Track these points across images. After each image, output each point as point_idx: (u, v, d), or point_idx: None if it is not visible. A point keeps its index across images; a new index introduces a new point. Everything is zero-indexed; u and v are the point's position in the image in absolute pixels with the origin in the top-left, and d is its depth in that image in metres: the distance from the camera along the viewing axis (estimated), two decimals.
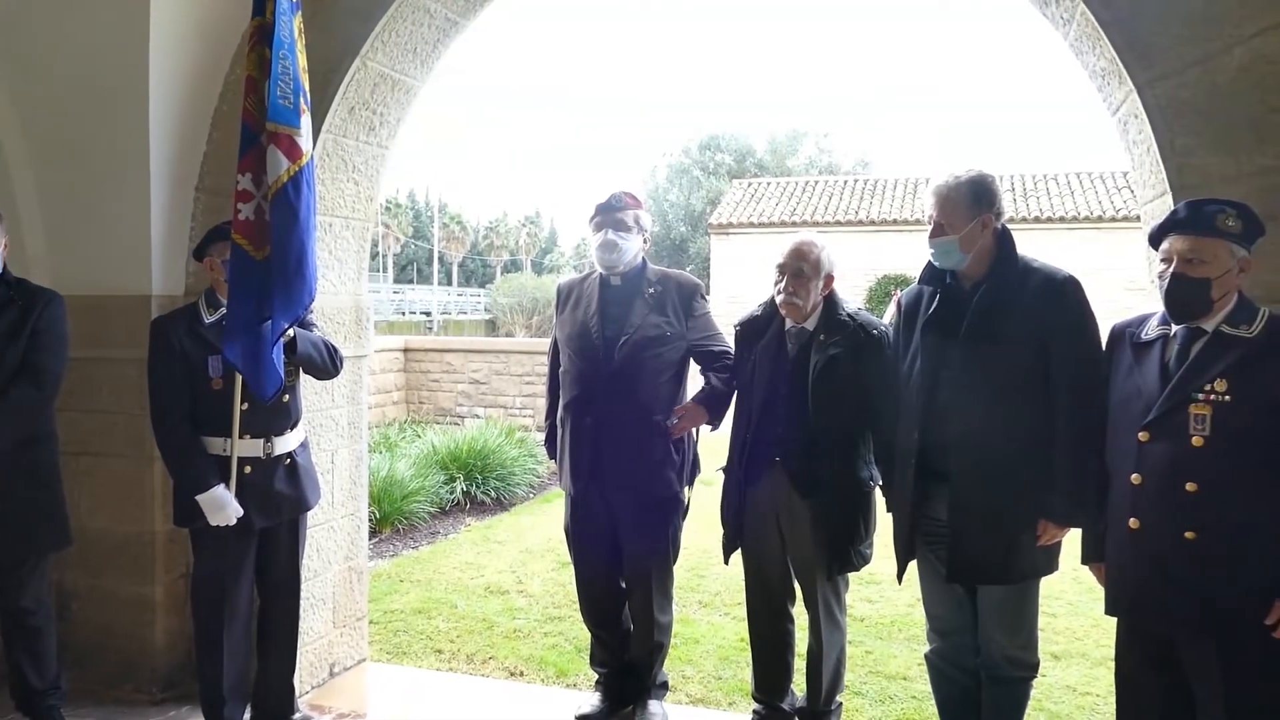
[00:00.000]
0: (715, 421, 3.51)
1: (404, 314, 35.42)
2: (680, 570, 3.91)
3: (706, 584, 5.74)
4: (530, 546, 6.73)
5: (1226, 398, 2.38)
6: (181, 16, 3.64)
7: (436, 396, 12.39)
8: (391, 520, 7.15)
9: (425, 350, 12.75)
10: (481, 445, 8.65)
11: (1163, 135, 2.97)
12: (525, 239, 66.44)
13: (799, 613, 3.44)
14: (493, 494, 8.25)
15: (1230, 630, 2.39)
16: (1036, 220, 21.88)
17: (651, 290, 3.56)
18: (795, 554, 3.33)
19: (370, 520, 6.79)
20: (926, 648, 3.22)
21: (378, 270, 51.16)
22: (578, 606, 3.85)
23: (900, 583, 3.21)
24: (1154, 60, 2.96)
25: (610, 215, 3.56)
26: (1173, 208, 2.59)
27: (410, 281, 53.41)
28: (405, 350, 12.63)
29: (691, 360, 3.61)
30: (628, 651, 3.71)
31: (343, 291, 4.06)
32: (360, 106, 3.91)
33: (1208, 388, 2.39)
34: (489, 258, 65.13)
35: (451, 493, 8.01)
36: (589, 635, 3.85)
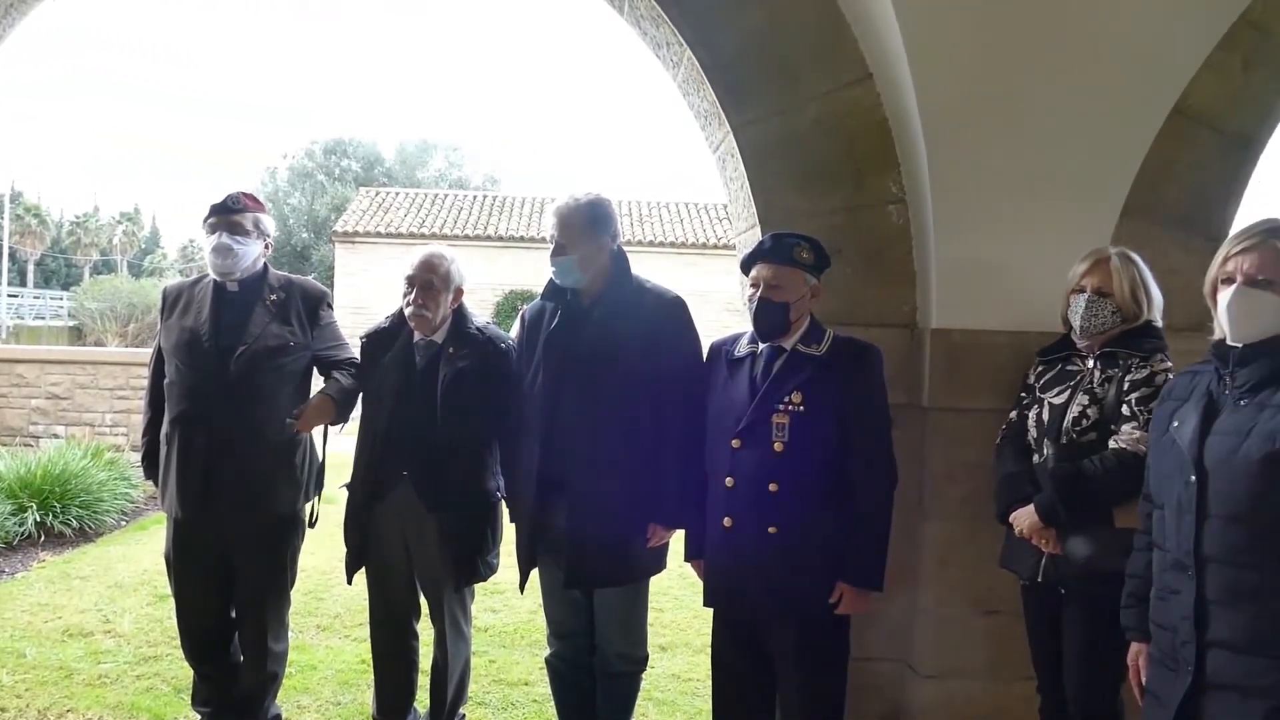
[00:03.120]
0: (341, 419, 3.39)
1: None
2: (296, 594, 3.72)
3: (325, 606, 5.48)
4: (121, 580, 6.00)
5: (801, 408, 2.72)
6: None
7: (3, 414, 10.70)
8: None
9: None
10: (61, 469, 7.56)
11: (753, 174, 3.35)
12: (121, 238, 59.39)
13: (423, 627, 3.41)
14: (74, 524, 7.24)
15: (804, 613, 2.73)
16: (650, 244, 23.65)
17: (274, 298, 3.36)
18: (422, 568, 3.30)
19: None
20: (547, 651, 3.34)
21: None
22: (178, 643, 3.51)
23: (523, 592, 3.29)
24: (747, 106, 3.33)
25: (226, 217, 3.31)
26: (760, 239, 2.93)
27: None
28: None
29: (315, 371, 3.45)
30: (236, 686, 3.45)
31: None
32: None
33: (786, 399, 2.73)
34: (75, 256, 57.47)
35: (21, 525, 6.93)
36: (191, 673, 3.53)
